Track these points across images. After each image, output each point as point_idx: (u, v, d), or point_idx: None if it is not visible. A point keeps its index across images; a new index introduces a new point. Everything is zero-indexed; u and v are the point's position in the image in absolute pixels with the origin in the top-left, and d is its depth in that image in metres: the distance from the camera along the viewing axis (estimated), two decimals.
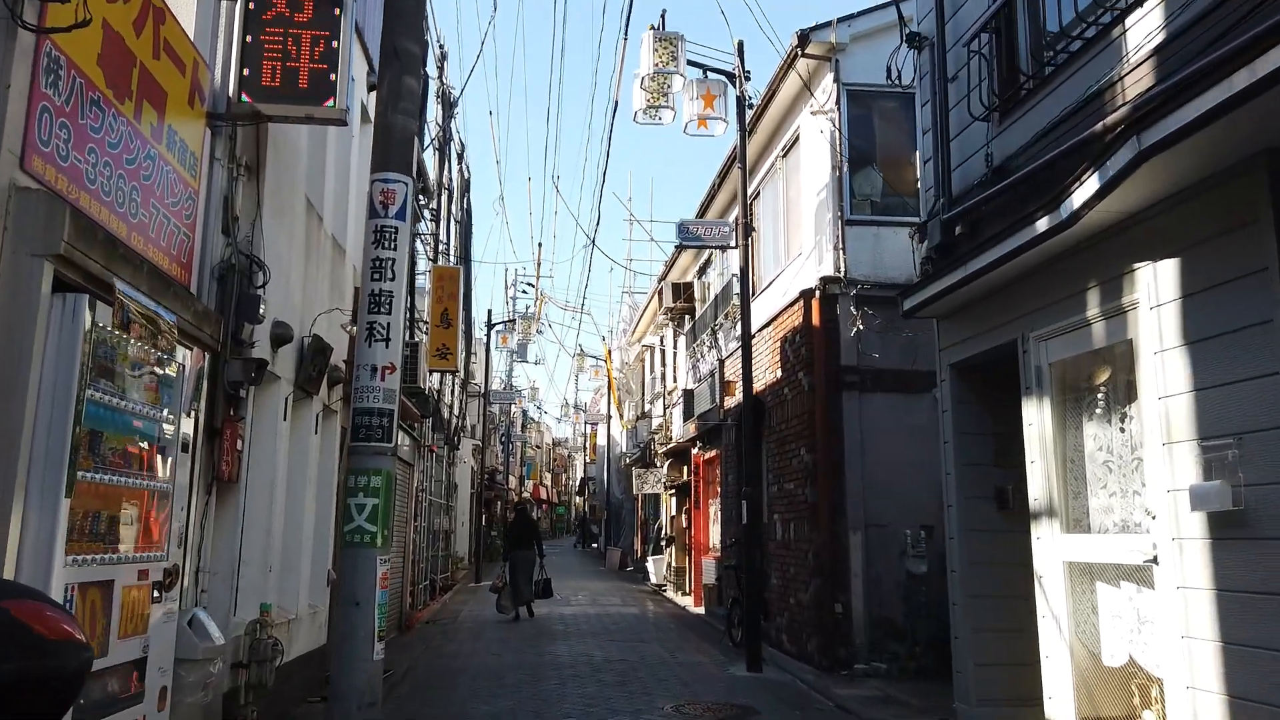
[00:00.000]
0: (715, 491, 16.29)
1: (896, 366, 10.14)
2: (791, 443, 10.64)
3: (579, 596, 18.44)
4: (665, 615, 15.38)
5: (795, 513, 10.43)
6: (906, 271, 10.40)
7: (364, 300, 5.88)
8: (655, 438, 22.43)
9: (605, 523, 30.48)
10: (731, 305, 14.45)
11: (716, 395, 14.60)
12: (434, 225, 16.03)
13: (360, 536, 5.62)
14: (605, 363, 30.28)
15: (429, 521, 17.78)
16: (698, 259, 18.45)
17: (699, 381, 16.86)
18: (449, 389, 19.72)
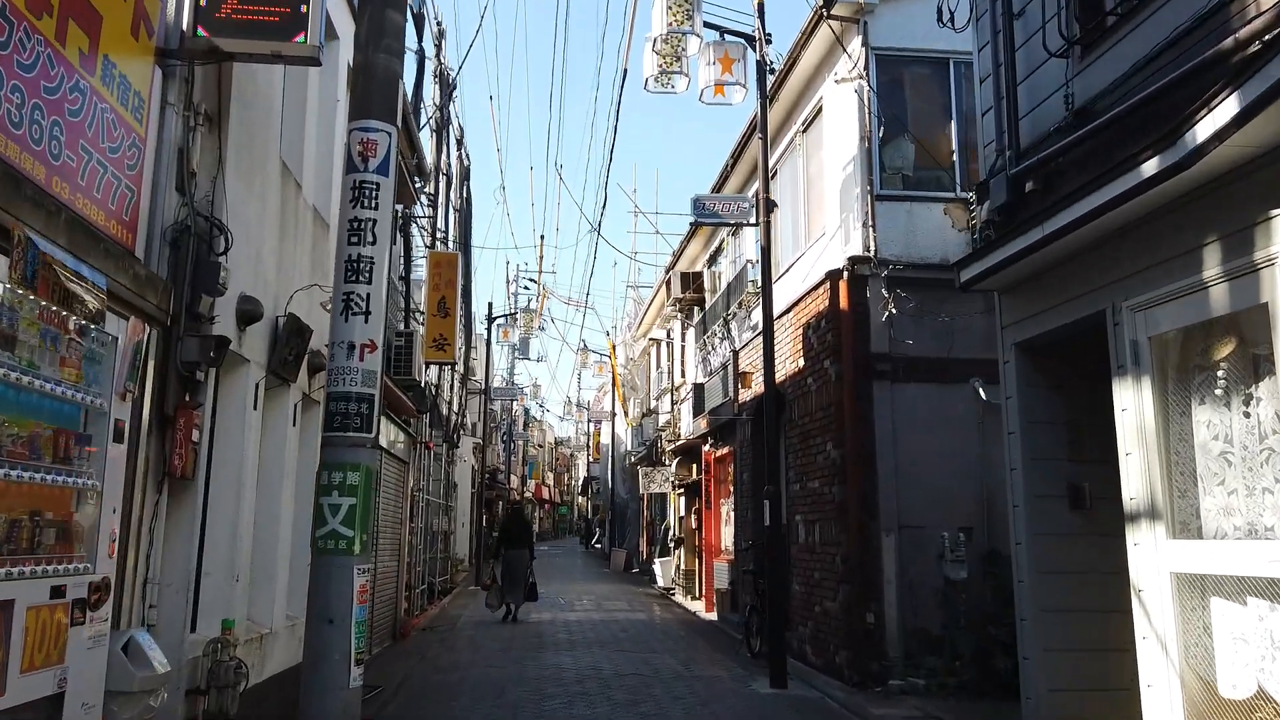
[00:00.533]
0: (727, 491, 15.47)
1: (931, 354, 9.32)
2: (816, 437, 9.82)
3: (584, 601, 17.63)
4: (675, 622, 14.56)
5: (820, 513, 9.60)
6: (941, 251, 9.59)
7: (339, 267, 5.05)
8: (662, 435, 21.61)
9: (610, 523, 29.65)
10: (746, 293, 13.63)
11: (730, 388, 13.77)
12: (431, 211, 15.21)
13: (335, 542, 4.80)
14: (609, 359, 29.45)
15: (426, 522, 16.97)
16: (707, 247, 17.64)
17: (710, 375, 16.03)
18: (447, 383, 18.91)
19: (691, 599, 17.64)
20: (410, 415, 13.02)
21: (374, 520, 5.08)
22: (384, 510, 11.75)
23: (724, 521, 15.63)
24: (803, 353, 10.31)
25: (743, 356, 13.17)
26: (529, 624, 13.96)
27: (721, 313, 15.26)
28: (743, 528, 12.85)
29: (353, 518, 4.82)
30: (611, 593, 19.66)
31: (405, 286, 13.67)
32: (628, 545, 29.22)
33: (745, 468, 12.85)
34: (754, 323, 13.49)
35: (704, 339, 16.59)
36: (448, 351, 13.48)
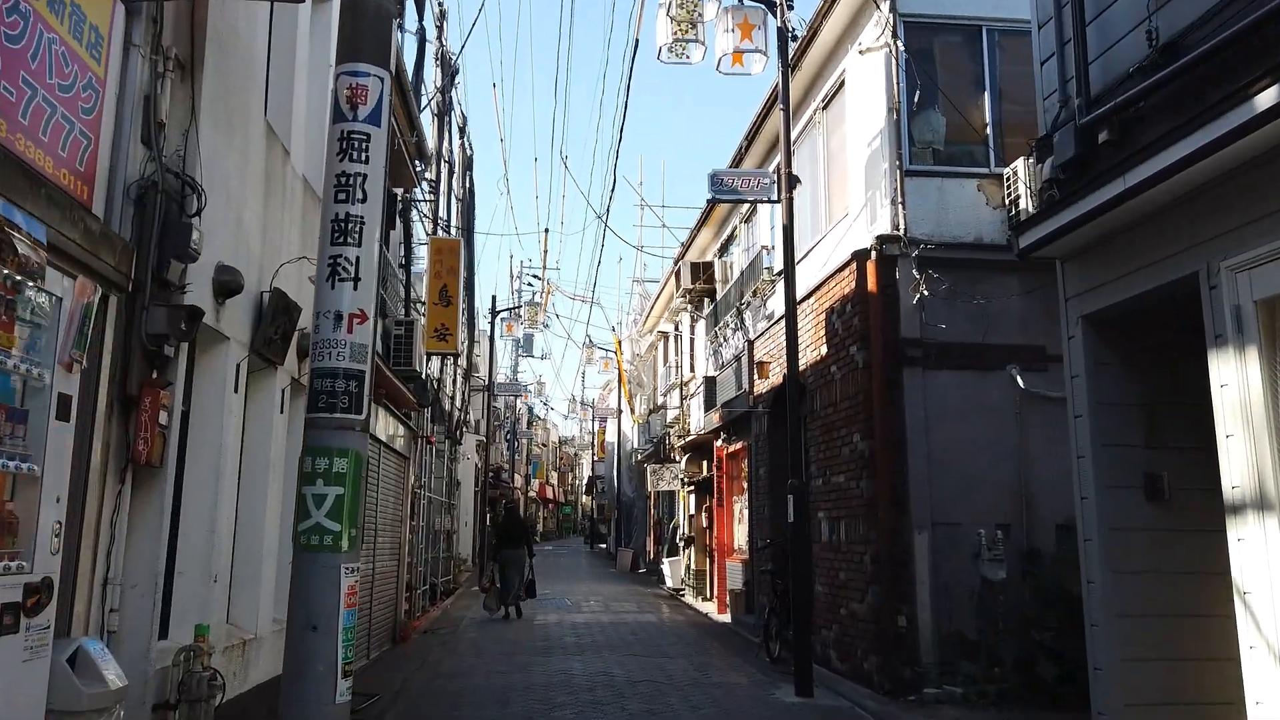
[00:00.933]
0: (740, 488, 14.89)
1: (965, 339, 8.73)
2: (841, 428, 9.23)
3: (591, 602, 17.05)
4: (687, 624, 13.98)
5: (846, 510, 9.01)
6: (975, 229, 9.01)
7: (325, 228, 4.48)
8: (671, 431, 21.04)
9: (616, 522, 29.08)
10: (761, 281, 13.05)
11: (744, 380, 13.19)
12: (432, 197, 14.65)
13: (319, 538, 4.23)
14: (615, 354, 28.88)
15: (428, 521, 16.41)
16: (718, 236, 17.06)
17: (721, 368, 15.45)
18: (449, 377, 18.35)
19: (702, 600, 17.05)
20: (410, 408, 12.46)
21: (363, 514, 4.50)
22: (383, 508, 11.19)
23: (737, 520, 15.04)
24: (825, 340, 9.72)
25: (758, 347, 12.59)
26: (535, 626, 13.39)
27: (734, 303, 14.68)
28: (759, 525, 12.27)
29: (340, 510, 4.25)
30: (619, 593, 19.08)
31: (406, 275, 13.10)
32: (634, 545, 28.65)
33: (761, 463, 12.27)
34: (769, 311, 12.91)
35: (715, 331, 16.00)
36: (450, 342, 12.92)
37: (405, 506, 12.62)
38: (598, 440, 45.65)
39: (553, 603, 16.84)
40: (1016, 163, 8.72)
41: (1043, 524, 8.51)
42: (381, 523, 11.03)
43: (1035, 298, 8.86)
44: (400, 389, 11.39)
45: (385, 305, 11.90)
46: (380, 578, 11.02)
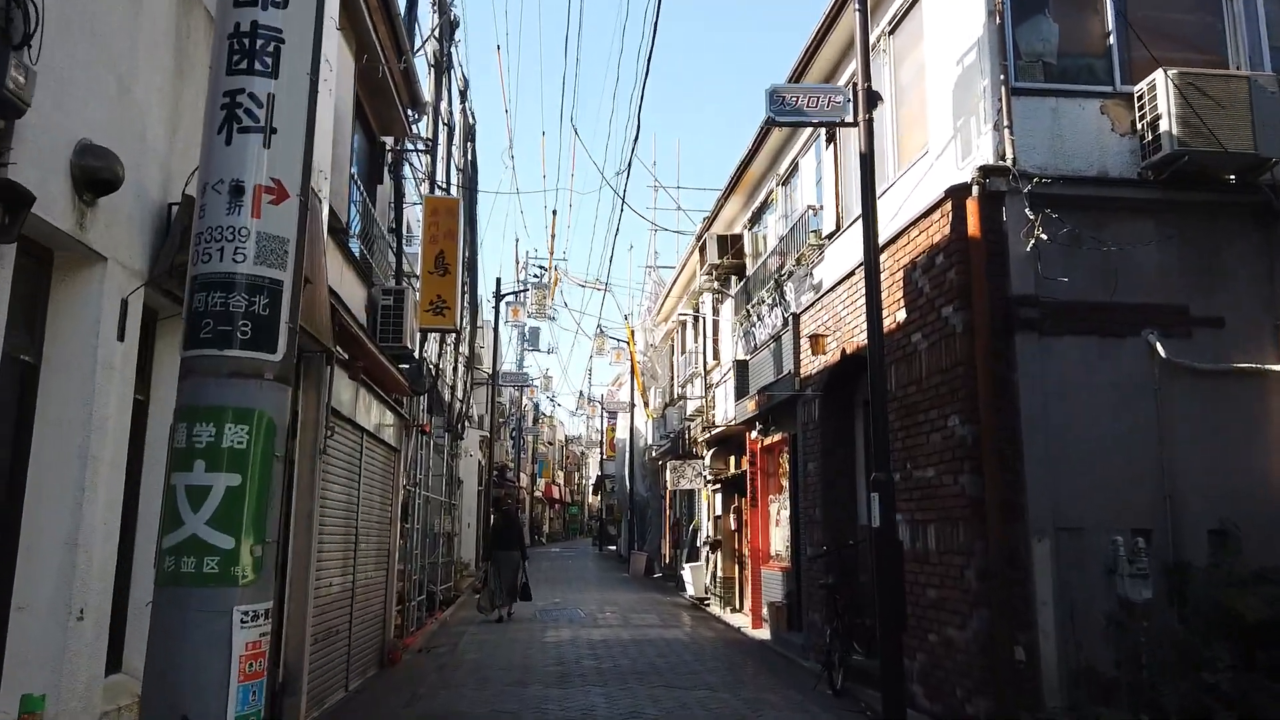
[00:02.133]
0: (778, 485, 13.11)
1: (1090, 297, 6.96)
2: (928, 410, 7.45)
3: (606, 613, 15.27)
4: (720, 642, 12.20)
5: (938, 511, 7.23)
6: (1099, 161, 7.21)
7: (219, 49, 2.72)
8: (692, 424, 19.27)
9: (629, 524, 27.29)
10: (806, 247, 11.28)
11: (786, 362, 11.42)
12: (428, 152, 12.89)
13: (194, 562, 2.50)
14: (628, 344, 27.11)
15: (425, 522, 14.66)
16: (747, 206, 15.29)
17: (754, 351, 13.68)
18: (448, 363, 16.61)
19: (731, 611, 15.27)
20: (401, 393, 10.70)
21: (275, 515, 2.73)
22: (368, 508, 9.45)
23: (774, 522, 13.27)
24: (904, 303, 7.94)
25: (806, 321, 10.81)
26: (546, 644, 11.64)
27: (770, 277, 12.91)
28: (808, 529, 10.49)
29: (234, 513, 2.51)
30: (636, 603, 17.30)
31: (398, 241, 11.35)
32: (648, 548, 26.87)
33: (810, 455, 10.48)
34: (817, 281, 11.14)
35: (747, 309, 14.23)
36: (447, 317, 11.17)
37: (395, 506, 10.87)
38: (607, 438, 43.90)
39: (565, 614, 15.08)
40: (1154, 76, 6.97)
41: (1191, 528, 6.74)
42: (365, 526, 9.28)
43: (1174, 246, 7.10)
44: (388, 369, 9.64)
45: (371, 271, 10.19)
46: (363, 591, 9.28)
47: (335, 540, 8.05)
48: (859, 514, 9.88)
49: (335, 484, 7.96)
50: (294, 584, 6.76)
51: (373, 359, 8.89)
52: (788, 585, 11.95)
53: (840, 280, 9.58)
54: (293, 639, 6.69)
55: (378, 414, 9.73)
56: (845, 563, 9.23)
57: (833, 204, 10.81)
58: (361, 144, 10.17)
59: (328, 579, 7.75)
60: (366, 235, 9.95)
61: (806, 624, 10.40)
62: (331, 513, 7.83)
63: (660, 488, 26.27)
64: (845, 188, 10.60)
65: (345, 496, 8.36)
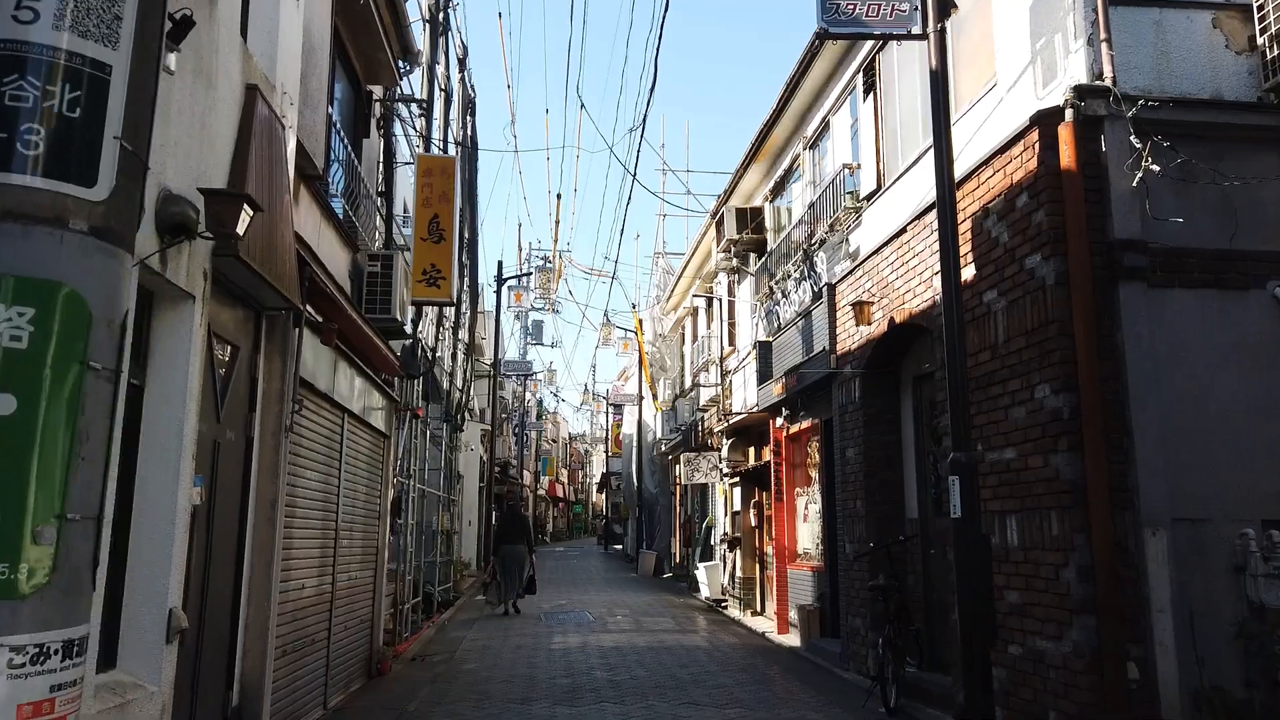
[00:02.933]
0: (806, 477, 11.98)
1: (1206, 242, 5.83)
2: (1006, 381, 6.31)
3: (618, 617, 14.14)
4: (744, 650, 11.06)
5: (1022, 500, 6.08)
6: (1210, 82, 6.06)
7: None
8: (705, 415, 18.15)
9: (637, 522, 26.13)
10: (842, 211, 10.15)
11: (820, 338, 10.30)
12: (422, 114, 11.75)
13: None
14: (635, 334, 25.97)
15: (421, 519, 13.55)
16: (768, 176, 14.16)
17: (778, 331, 12.55)
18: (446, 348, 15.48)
19: (752, 614, 14.13)
20: (391, 373, 9.58)
21: (96, 474, 1.57)
22: (352, 499, 8.34)
23: (800, 517, 12.13)
24: (974, 256, 6.79)
25: (845, 290, 9.67)
26: (554, 651, 10.51)
27: (799, 246, 11.78)
28: (847, 524, 9.34)
29: None
30: (648, 605, 16.16)
31: (387, 206, 10.21)
32: (657, 547, 25.74)
33: (849, 441, 9.34)
34: (854, 248, 10.02)
35: (770, 286, 13.09)
36: (442, 288, 10.04)
37: (385, 500, 9.75)
38: (612, 434, 42.77)
39: (573, 617, 13.96)
40: None
41: None
42: (348, 520, 8.17)
43: None
44: (375, 344, 8.52)
45: (356, 234, 9.07)
46: (346, 594, 8.16)
47: (309, 535, 6.93)
48: (907, 505, 8.75)
49: (308, 469, 6.83)
50: (253, 585, 5.65)
51: (356, 331, 7.77)
52: (819, 587, 10.82)
53: (886, 241, 8.44)
54: (251, 652, 5.57)
55: (363, 394, 8.62)
56: (894, 562, 8.10)
57: (872, 161, 9.69)
58: (346, 91, 9.05)
59: (299, 580, 6.63)
60: (351, 194, 8.84)
61: (845, 630, 9.26)
62: (304, 502, 6.71)
63: (670, 483, 25.14)
64: (887, 142, 9.47)
65: (322, 485, 7.24)
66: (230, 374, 5.27)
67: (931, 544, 8.20)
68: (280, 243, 5.35)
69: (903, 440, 8.89)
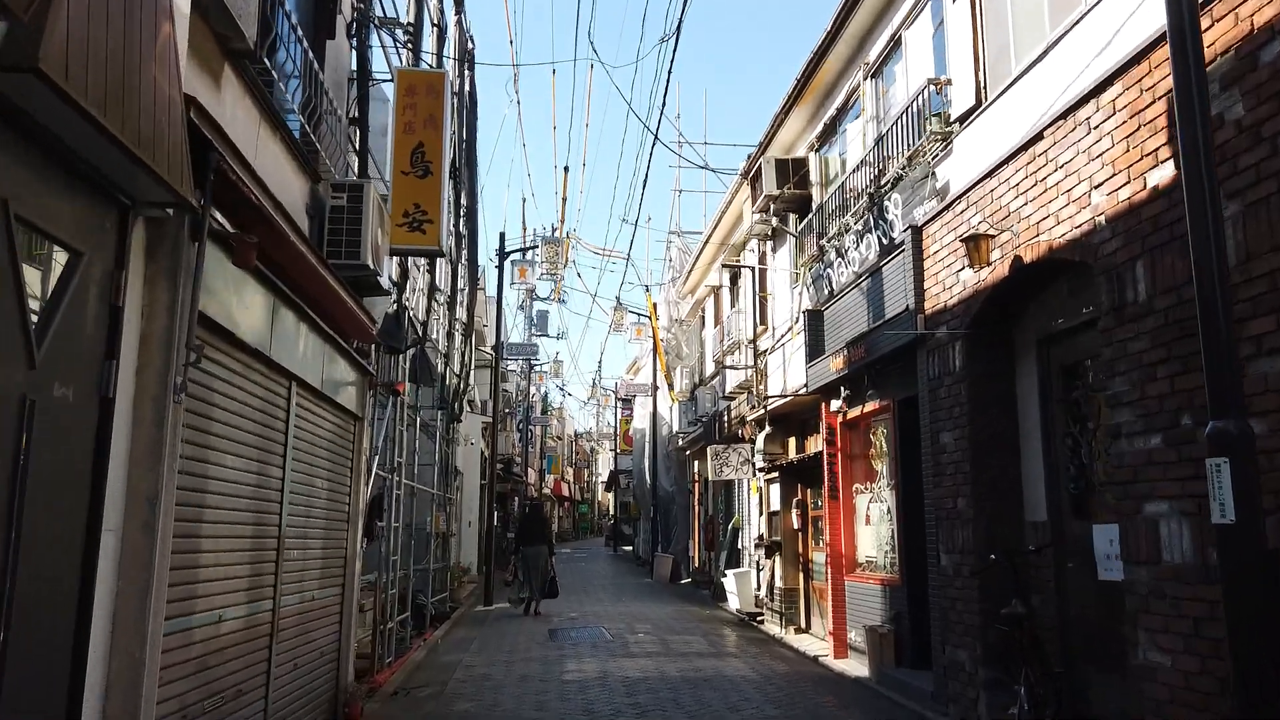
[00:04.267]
0: (869, 471, 9.98)
1: None
2: (1248, 320, 4.29)
3: (639, 634, 12.15)
4: (801, 680, 9.07)
5: None
6: None
7: None
8: (731, 404, 16.16)
9: (652, 522, 24.13)
10: (926, 138, 8.17)
11: (896, 297, 8.32)
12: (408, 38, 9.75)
13: None
14: (649, 319, 23.98)
15: (411, 519, 11.60)
16: (813, 122, 12.18)
17: (830, 299, 10.58)
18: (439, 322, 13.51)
19: (795, 631, 12.13)
20: (363, 337, 7.60)
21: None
22: (309, 495, 6.37)
23: (862, 519, 10.14)
24: (1167, 152, 4.78)
25: (934, 234, 7.67)
26: (567, 685, 8.54)
27: (863, 192, 9.78)
28: (946, 527, 7.33)
29: None
30: (672, 619, 14.17)
31: (361, 135, 8.22)
32: (674, 550, 23.74)
33: (947, 423, 7.33)
34: (941, 183, 8.05)
35: (820, 246, 11.09)
36: (428, 234, 8.06)
37: (356, 498, 7.77)
38: (621, 430, 40.77)
39: (586, 635, 11.97)
40: None
41: None
42: (300, 523, 6.20)
43: None
44: (339, 296, 6.54)
45: (317, 159, 7.11)
46: (296, 622, 6.19)
47: (232, 546, 4.96)
48: (1028, 505, 6.76)
49: (230, 454, 4.86)
50: (118, 625, 3.68)
51: (312, 276, 5.81)
52: (892, 604, 8.83)
53: (1005, 160, 6.43)
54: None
55: (322, 360, 6.63)
56: (1020, 579, 6.10)
57: (969, 73, 7.72)
58: None
59: (212, 610, 4.66)
60: (311, 110, 6.86)
61: (943, 664, 7.25)
62: (221, 499, 4.73)
63: (688, 480, 23.16)
64: (992, 45, 7.49)
65: (254, 477, 5.26)
66: (62, 294, 3.29)
67: (1068, 555, 6.20)
68: (152, 95, 3.38)
69: (1020, 421, 6.89)
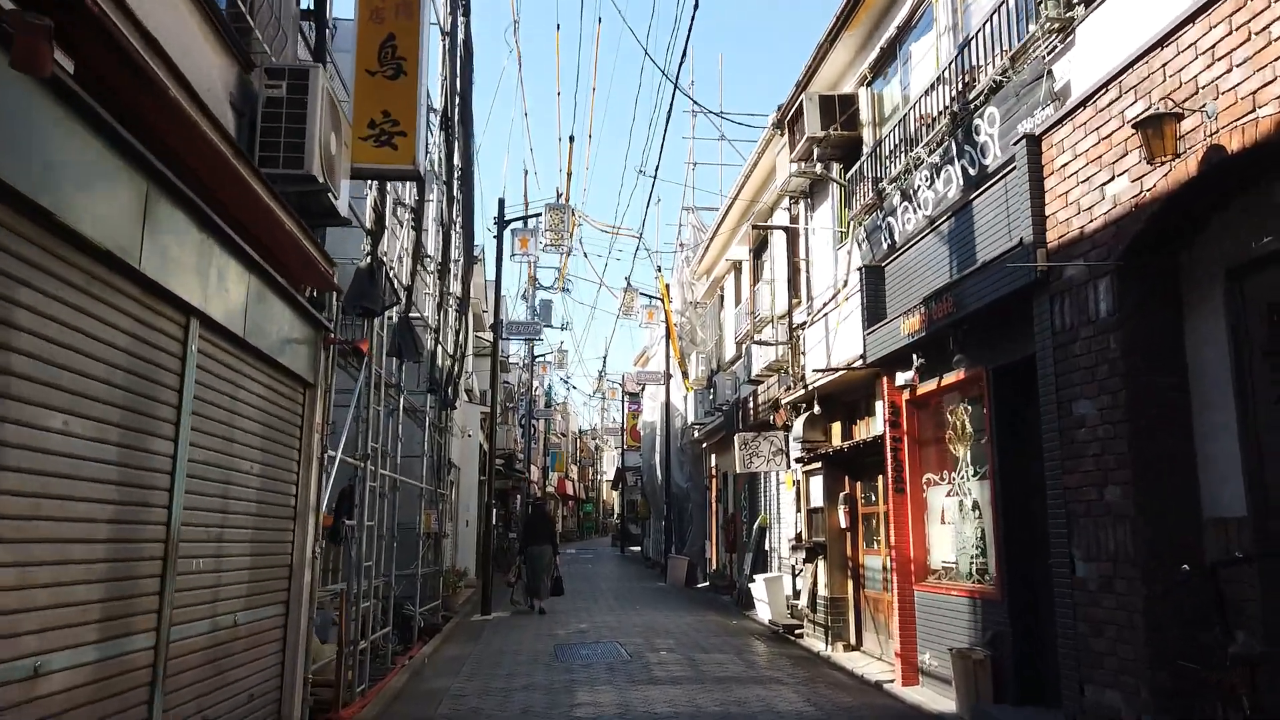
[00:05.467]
0: (945, 459, 8.19)
1: None
2: None
3: (661, 652, 10.35)
4: (871, 716, 7.26)
5: None
6: None
7: None
8: (758, 389, 14.37)
9: (665, 521, 22.32)
10: (1043, 24, 6.37)
11: (1002, 234, 6.54)
12: None
13: None
14: (661, 301, 22.19)
15: (392, 518, 9.84)
16: (863, 52, 10.40)
17: (892, 253, 8.81)
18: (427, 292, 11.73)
19: (845, 648, 10.33)
20: (314, 280, 5.83)
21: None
22: (224, 481, 4.61)
23: (936, 517, 8.34)
24: None
25: (1055, 144, 5.86)
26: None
27: (939, 116, 7.99)
28: (1086, 527, 5.51)
29: None
30: (695, 631, 12.38)
31: (317, 28, 6.42)
32: (689, 551, 21.94)
33: (1088, 388, 5.52)
34: (1060, 84, 6.25)
35: (880, 191, 9.29)
36: (400, 149, 6.28)
37: (305, 488, 5.98)
38: (628, 425, 38.97)
39: (598, 655, 10.17)
40: None
41: None
42: (208, 521, 4.42)
43: None
44: (274, 216, 4.81)
45: (249, 39, 5.37)
46: (209, 658, 4.41)
47: (58, 556, 3.18)
48: (1206, 496, 4.97)
49: (47, 408, 3.08)
50: None
51: (226, 174, 4.09)
52: (986, 622, 7.04)
53: (1199, 9, 4.63)
54: None
55: (244, 294, 4.85)
56: (1224, 603, 4.31)
57: None
58: None
59: (23, 660, 2.88)
60: None
61: (1084, 707, 5.44)
62: (28, 483, 2.96)
63: (704, 476, 21.37)
64: None
65: (109, 452, 3.48)
66: None
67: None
68: None
69: (1193, 384, 5.10)
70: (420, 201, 9.38)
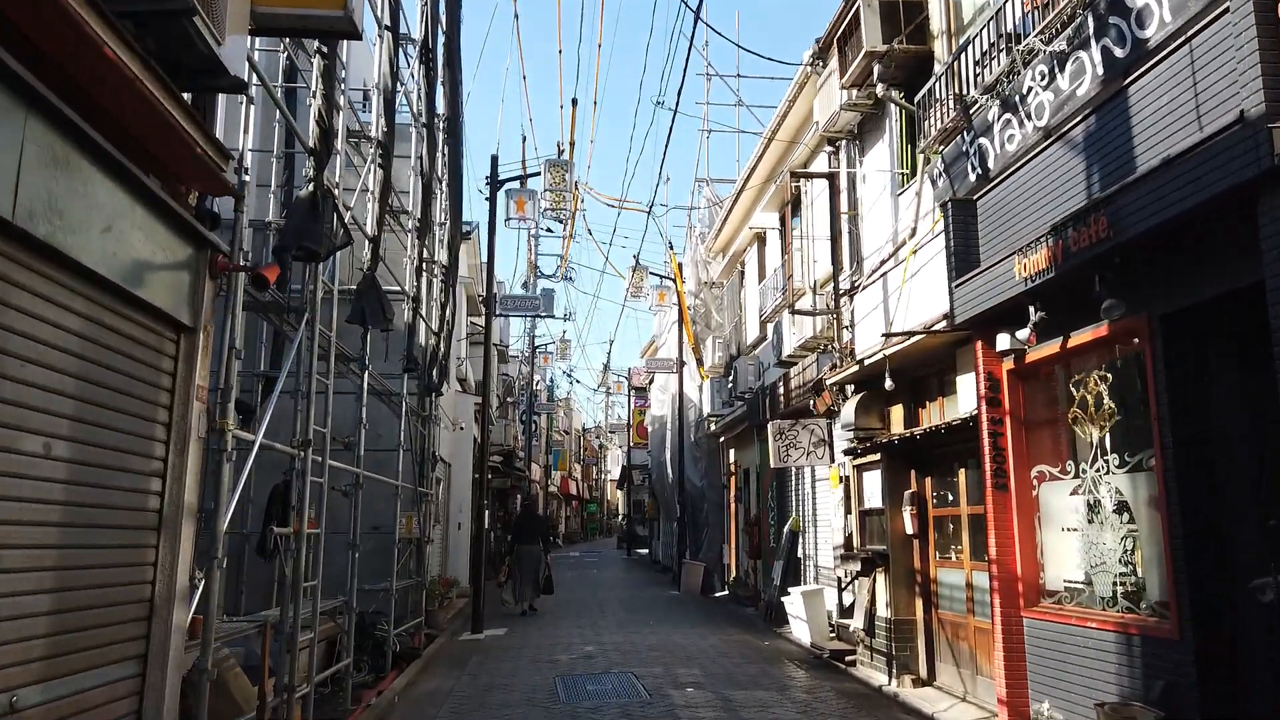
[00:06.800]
0: (1062, 445, 6.21)
1: None
2: None
3: (686, 685, 8.36)
4: None
5: None
6: None
7: None
8: (790, 372, 12.40)
9: (680, 523, 20.34)
10: None
11: (1185, 116, 4.55)
12: None
13: None
14: (674, 280, 20.24)
15: (353, 522, 7.92)
16: None
17: (984, 183, 6.84)
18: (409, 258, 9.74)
19: (914, 683, 8.34)
20: (190, 177, 3.86)
21: None
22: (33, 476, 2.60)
23: (1054, 523, 6.36)
24: None
25: None
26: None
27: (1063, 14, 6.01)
28: None
29: None
30: (723, 655, 10.40)
31: None
32: (705, 556, 19.96)
33: None
34: None
35: (967, 104, 7.31)
36: None
37: (179, 483, 4.01)
38: (634, 421, 36.99)
39: (608, 692, 8.16)
40: None
41: None
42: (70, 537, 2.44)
43: None
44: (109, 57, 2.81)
45: None
46: None
47: None
48: None
49: None
50: None
51: None
52: (1149, 667, 5.07)
53: None
54: None
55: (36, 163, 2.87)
56: None
57: None
58: None
59: None
60: None
61: None
62: None
63: (722, 473, 19.40)
64: None
65: None
66: None
67: None
68: None
69: None
70: (390, 107, 7.36)
